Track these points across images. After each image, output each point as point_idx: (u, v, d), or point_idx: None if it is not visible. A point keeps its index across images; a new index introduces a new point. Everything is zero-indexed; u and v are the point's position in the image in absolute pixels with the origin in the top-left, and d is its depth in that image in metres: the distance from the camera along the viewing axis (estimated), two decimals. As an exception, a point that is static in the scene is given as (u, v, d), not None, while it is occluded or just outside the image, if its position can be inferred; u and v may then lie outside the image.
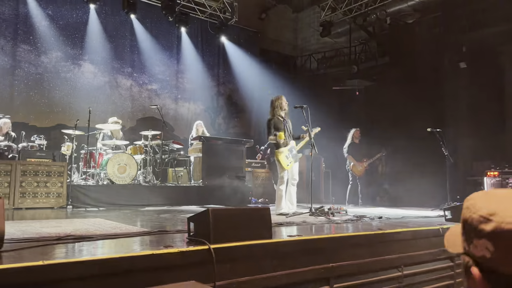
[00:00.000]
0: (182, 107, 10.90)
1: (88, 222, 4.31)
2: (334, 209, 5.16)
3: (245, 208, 3.32)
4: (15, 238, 2.90)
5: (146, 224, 4.32)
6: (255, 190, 8.47)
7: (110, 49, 9.65)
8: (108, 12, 9.69)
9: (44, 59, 8.78)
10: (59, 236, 3.07)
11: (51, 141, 7.59)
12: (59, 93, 8.89)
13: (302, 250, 3.14)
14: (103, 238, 3.09)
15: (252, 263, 2.79)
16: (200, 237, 2.82)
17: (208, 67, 11.38)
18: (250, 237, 2.87)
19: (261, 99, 11.42)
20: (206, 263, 2.58)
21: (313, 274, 3.08)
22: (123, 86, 9.92)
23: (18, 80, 8.47)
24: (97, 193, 6.69)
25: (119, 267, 2.30)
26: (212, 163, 7.91)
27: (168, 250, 2.50)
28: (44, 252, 2.53)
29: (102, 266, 2.24)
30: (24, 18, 8.59)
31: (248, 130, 11.94)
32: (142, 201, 6.96)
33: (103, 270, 2.25)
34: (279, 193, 5.58)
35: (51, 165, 6.40)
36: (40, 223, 4.10)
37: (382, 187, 9.88)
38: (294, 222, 4.37)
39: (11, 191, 6.01)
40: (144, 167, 7.90)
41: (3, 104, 8.10)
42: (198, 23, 11.18)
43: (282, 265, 2.95)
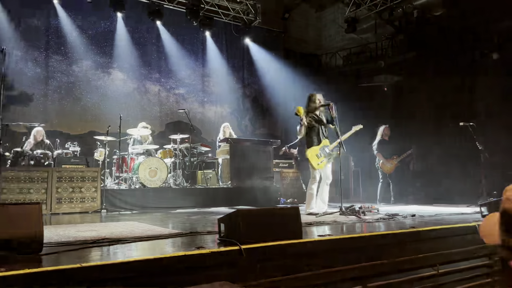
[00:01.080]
0: (209, 110, 11.02)
1: (122, 225, 4.43)
2: (365, 208, 5.08)
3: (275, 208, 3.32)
4: (53, 242, 3.02)
5: (178, 226, 4.39)
6: (283, 190, 8.44)
7: (137, 56, 9.89)
8: (135, 20, 9.93)
9: (75, 68, 9.09)
10: (95, 239, 3.16)
11: (85, 147, 7.83)
12: (91, 100, 9.18)
13: (334, 249, 3.11)
14: (137, 240, 3.16)
15: (283, 263, 2.78)
16: (230, 238, 2.85)
17: (233, 70, 11.46)
18: (280, 237, 2.87)
19: (286, 99, 11.39)
20: (237, 263, 2.60)
21: (346, 274, 3.04)
22: (151, 91, 10.13)
23: (51, 90, 8.80)
24: (130, 196, 6.85)
25: (153, 269, 2.35)
26: (240, 165, 7.94)
27: (200, 251, 2.54)
28: (81, 255, 2.61)
29: (137, 267, 2.30)
30: (55, 30, 8.92)
31: (275, 131, 11.93)
32: (173, 204, 7.08)
33: (138, 272, 2.30)
34: (309, 193, 5.52)
35: (85, 171, 6.61)
36: (76, 227, 4.24)
37: (414, 185, 9.64)
38: (324, 222, 4.34)
39: (48, 197, 6.24)
40: (174, 170, 8.03)
41: (38, 113, 8.44)
42: (222, 26, 11.27)
43: (313, 265, 2.93)
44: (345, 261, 3.09)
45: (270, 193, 7.92)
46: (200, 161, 8.66)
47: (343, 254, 3.12)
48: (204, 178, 8.41)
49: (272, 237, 2.84)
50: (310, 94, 5.73)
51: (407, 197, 8.88)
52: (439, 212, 5.60)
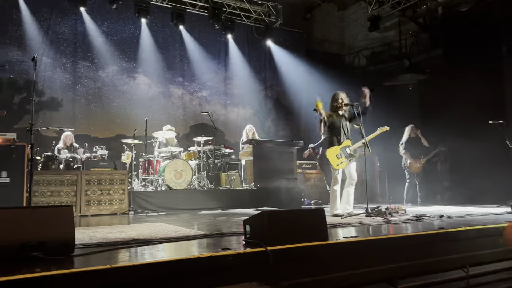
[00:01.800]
0: (231, 112, 11.09)
1: (150, 226, 4.51)
2: (391, 209, 5.01)
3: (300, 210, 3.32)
4: (84, 244, 3.11)
5: (203, 227, 4.44)
6: (307, 191, 8.41)
7: (161, 60, 10.07)
8: (158, 25, 10.11)
9: (101, 73, 9.33)
10: (124, 240, 3.24)
11: (112, 150, 8.02)
12: (117, 105, 9.40)
13: (360, 251, 3.08)
14: (164, 242, 3.22)
15: (309, 264, 2.78)
16: (256, 239, 2.86)
17: (255, 72, 11.50)
18: (306, 239, 2.86)
19: (309, 100, 11.32)
20: (263, 264, 2.62)
21: (373, 275, 3.01)
22: (175, 95, 10.29)
23: (79, 95, 9.05)
24: (156, 198, 6.98)
25: (181, 269, 2.39)
26: (263, 166, 7.96)
27: (226, 252, 2.56)
28: (111, 256, 2.68)
29: (165, 268, 2.34)
30: (82, 37, 9.18)
31: (298, 132, 11.89)
32: (198, 205, 7.17)
33: (167, 272, 2.35)
34: (333, 194, 5.47)
35: (113, 174, 6.78)
36: (105, 229, 4.35)
37: (441, 185, 9.42)
38: (350, 223, 4.30)
39: (77, 199, 6.43)
40: (198, 172, 8.12)
41: (67, 118, 8.70)
42: (244, 29, 11.34)
43: (339, 267, 2.91)
44: (372, 263, 3.06)
45: (293, 194, 7.90)
46: (223, 163, 8.72)
47: (369, 256, 3.09)
48: (228, 179, 8.47)
49: (297, 239, 2.84)
50: (333, 94, 5.70)
51: (434, 198, 8.70)
52: (468, 213, 5.46)
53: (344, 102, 5.55)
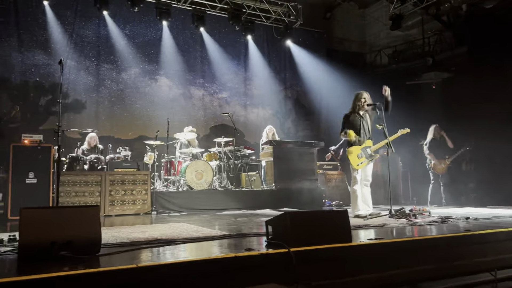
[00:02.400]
0: (251, 113, 11.11)
1: (172, 226, 4.57)
2: (416, 211, 4.92)
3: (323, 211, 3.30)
4: (110, 243, 3.17)
5: (225, 227, 4.46)
6: (328, 192, 8.35)
7: (182, 62, 10.18)
8: (179, 27, 10.22)
9: (124, 76, 9.49)
10: (147, 240, 3.29)
11: (135, 151, 8.14)
12: (139, 106, 9.55)
13: (384, 253, 3.04)
14: (187, 242, 3.25)
15: (332, 266, 2.76)
16: (278, 240, 2.86)
17: (275, 72, 11.49)
18: (329, 240, 2.84)
19: (329, 100, 11.26)
20: (286, 266, 2.61)
21: (397, 278, 2.97)
22: (195, 96, 10.38)
23: (103, 97, 9.24)
24: (178, 199, 7.06)
25: (205, 270, 2.41)
26: (284, 167, 7.95)
27: (249, 253, 2.57)
28: (136, 256, 2.72)
29: (189, 268, 2.37)
30: (105, 40, 9.36)
31: (318, 132, 11.82)
32: (219, 206, 7.21)
33: (191, 272, 2.37)
34: (354, 194, 5.41)
35: (136, 174, 6.90)
36: (129, 229, 4.42)
37: (467, 186, 9.20)
38: (373, 225, 4.25)
39: (102, 199, 6.56)
40: (219, 172, 8.17)
41: (91, 120, 8.89)
42: (264, 30, 11.35)
43: (363, 269, 2.88)
44: (396, 265, 3.01)
45: (314, 195, 7.86)
46: (244, 164, 8.75)
47: (394, 258, 3.05)
48: (248, 180, 8.49)
49: (320, 240, 2.82)
50: (356, 93, 5.63)
51: (459, 199, 8.50)
52: (495, 215, 5.32)
53: (367, 102, 5.48)
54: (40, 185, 6.07)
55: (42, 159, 6.14)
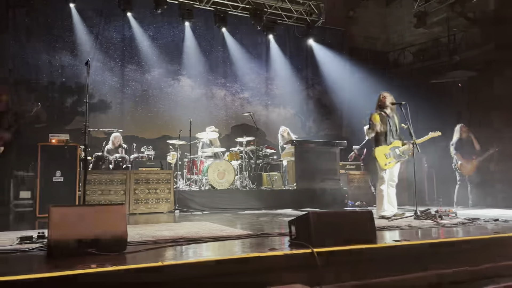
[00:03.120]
0: (272, 112, 11.10)
1: (196, 225, 4.61)
2: (442, 212, 4.81)
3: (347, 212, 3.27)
4: (135, 241, 3.22)
5: (247, 227, 4.48)
6: (350, 192, 8.26)
7: (204, 62, 10.25)
8: (202, 28, 10.30)
9: (148, 76, 9.64)
10: (172, 239, 3.33)
11: (158, 151, 8.24)
12: (163, 107, 9.68)
13: (409, 255, 2.99)
14: (211, 241, 3.28)
15: (357, 267, 2.73)
16: (301, 241, 2.85)
17: (296, 71, 11.44)
18: (353, 241, 2.81)
19: (352, 99, 11.13)
20: (309, 266, 2.59)
21: (423, 280, 2.91)
22: (217, 96, 10.44)
23: (127, 98, 9.40)
24: (201, 197, 7.12)
25: (229, 269, 2.42)
26: (305, 167, 7.91)
27: (273, 252, 2.57)
28: (161, 253, 2.76)
29: (214, 267, 2.38)
30: (129, 41, 9.52)
31: (340, 132, 11.70)
32: (241, 205, 7.24)
33: (215, 271, 2.38)
34: (380, 194, 5.32)
35: (160, 173, 7.00)
36: (154, 227, 4.49)
37: (495, 187, 8.93)
38: (398, 226, 4.18)
39: (126, 198, 6.68)
40: (240, 172, 8.20)
41: (116, 120, 9.05)
42: (285, 29, 11.31)
43: (388, 271, 2.84)
44: (422, 268, 2.96)
45: (337, 196, 7.80)
46: (265, 163, 8.75)
47: (419, 260, 2.99)
48: (270, 180, 8.48)
49: (344, 241, 2.80)
50: (381, 92, 5.55)
51: (486, 200, 8.27)
52: (525, 217, 5.15)
53: (387, 100, 5.40)
54: (67, 184, 6.22)
55: (68, 158, 6.29)
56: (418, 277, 2.89)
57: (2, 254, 2.80)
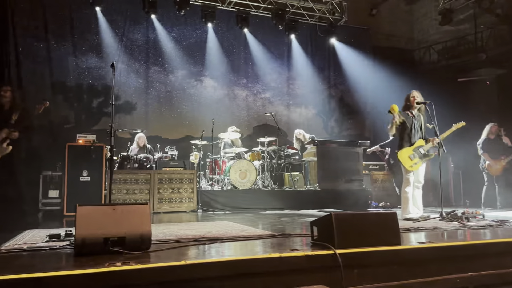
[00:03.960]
0: (294, 112, 11.07)
1: (218, 224, 4.65)
2: (468, 213, 4.70)
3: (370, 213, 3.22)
4: (159, 240, 3.28)
5: (268, 227, 4.48)
6: (374, 193, 8.15)
7: (227, 63, 10.32)
8: (224, 29, 10.37)
9: (171, 78, 9.77)
10: (195, 238, 3.37)
11: (181, 151, 8.38)
12: (186, 107, 9.80)
13: (434, 258, 2.93)
14: (233, 240, 3.30)
15: (380, 270, 2.70)
16: (323, 242, 2.83)
17: (318, 71, 11.37)
18: (377, 243, 2.78)
19: (375, 98, 10.98)
20: (332, 267, 2.58)
21: (448, 284, 2.85)
22: (239, 96, 10.49)
23: (151, 99, 9.56)
24: (223, 197, 7.18)
25: (251, 268, 2.43)
26: (328, 167, 7.86)
27: (295, 253, 2.56)
28: (184, 252, 2.80)
29: (236, 266, 2.40)
30: (153, 43, 9.67)
31: (363, 132, 11.56)
32: (262, 205, 7.26)
33: (237, 271, 2.40)
34: (404, 196, 5.21)
35: (183, 173, 7.10)
36: (177, 226, 4.55)
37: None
38: (423, 228, 4.10)
39: (151, 197, 6.80)
40: (262, 172, 8.22)
41: (140, 120, 9.22)
42: (307, 28, 11.26)
43: (412, 273, 2.80)
44: (447, 271, 2.90)
45: (359, 196, 7.71)
46: (287, 163, 8.74)
47: (444, 263, 2.93)
48: (291, 180, 8.47)
49: (367, 243, 2.77)
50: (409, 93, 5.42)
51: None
52: (557, 220, 4.96)
53: (417, 100, 5.28)
54: (93, 183, 6.39)
55: (95, 158, 6.46)
56: (443, 280, 2.84)
57: (31, 251, 2.89)
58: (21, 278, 2.03)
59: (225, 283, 2.38)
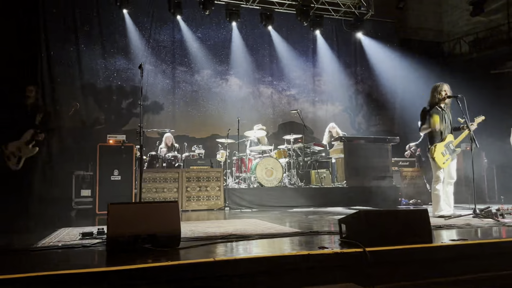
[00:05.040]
0: (320, 109, 10.98)
1: (245, 222, 4.68)
2: (503, 210, 4.53)
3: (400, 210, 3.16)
4: (188, 237, 3.33)
5: (296, 225, 4.47)
6: (404, 190, 7.97)
7: (251, 61, 10.34)
8: (248, 27, 10.39)
9: (197, 77, 9.88)
10: (223, 235, 3.40)
11: (208, 149, 8.47)
12: (211, 106, 9.89)
13: (467, 255, 2.85)
14: (260, 238, 3.31)
15: (411, 267, 2.65)
16: (352, 239, 2.81)
17: (344, 66, 11.22)
18: (407, 240, 2.73)
19: (404, 93, 10.74)
20: (361, 265, 2.55)
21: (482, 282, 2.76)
22: (264, 94, 10.49)
23: (178, 98, 9.69)
24: (250, 195, 7.20)
25: (278, 265, 2.43)
26: (355, 164, 7.75)
27: (324, 251, 2.55)
28: (212, 249, 2.83)
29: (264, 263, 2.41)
30: (179, 43, 9.80)
31: (392, 127, 11.34)
32: (289, 203, 7.24)
33: (265, 268, 2.41)
34: (435, 194, 5.08)
35: (210, 171, 7.17)
36: (205, 224, 4.61)
37: None
38: (456, 225, 3.99)
39: (179, 195, 6.90)
40: (288, 170, 8.19)
41: (168, 120, 9.37)
42: (333, 23, 11.13)
43: (444, 271, 2.73)
44: (480, 269, 2.81)
45: (389, 193, 7.56)
46: (313, 161, 8.68)
47: (478, 261, 2.85)
48: (318, 177, 8.40)
49: (397, 241, 2.72)
50: (435, 85, 5.26)
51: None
52: None
53: (448, 94, 5.13)
54: (124, 182, 6.54)
55: (125, 158, 6.61)
56: (477, 278, 2.76)
57: (66, 248, 3.00)
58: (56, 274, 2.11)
59: (254, 279, 2.39)
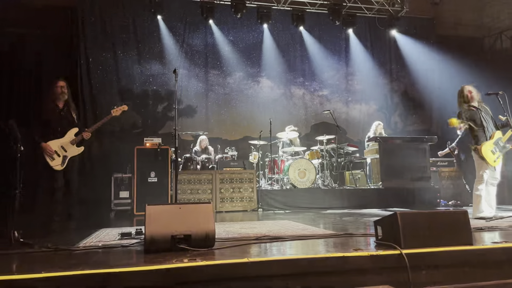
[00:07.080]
0: (353, 109, 10.81)
1: (278, 223, 4.68)
2: (550, 212, 4.30)
3: (439, 212, 3.07)
4: (222, 238, 3.38)
5: (330, 226, 4.43)
6: (443, 191, 7.72)
7: (283, 62, 10.33)
8: (279, 28, 10.39)
9: (229, 80, 9.98)
10: (256, 236, 3.43)
11: (240, 151, 8.55)
12: (244, 108, 9.96)
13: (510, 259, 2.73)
14: (294, 239, 3.31)
15: (450, 270, 2.57)
16: (388, 241, 2.75)
17: (379, 65, 11.00)
18: (446, 242, 2.65)
19: (442, 91, 10.40)
20: (398, 268, 2.50)
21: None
22: (296, 95, 10.45)
23: (211, 102, 9.83)
24: (283, 196, 7.21)
25: (313, 267, 2.43)
26: (391, 164, 7.57)
27: (359, 253, 2.52)
28: (246, 250, 2.86)
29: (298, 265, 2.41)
30: (211, 47, 9.94)
31: (429, 126, 11.00)
32: (323, 204, 7.19)
33: (299, 269, 2.41)
34: (476, 194, 4.89)
35: (243, 173, 7.24)
36: (238, 225, 4.65)
37: None
38: (498, 227, 3.83)
39: (213, 196, 7.01)
40: (321, 171, 8.13)
41: (202, 123, 9.53)
42: (366, 22, 10.94)
43: (485, 275, 2.63)
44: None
45: (427, 195, 7.36)
46: (347, 162, 8.57)
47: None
48: (353, 178, 8.28)
49: (436, 243, 2.65)
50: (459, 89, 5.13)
51: None
52: None
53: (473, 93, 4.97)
54: (160, 184, 6.71)
55: (161, 160, 6.79)
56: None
57: (106, 248, 3.12)
58: (96, 273, 2.20)
59: (288, 281, 2.39)
